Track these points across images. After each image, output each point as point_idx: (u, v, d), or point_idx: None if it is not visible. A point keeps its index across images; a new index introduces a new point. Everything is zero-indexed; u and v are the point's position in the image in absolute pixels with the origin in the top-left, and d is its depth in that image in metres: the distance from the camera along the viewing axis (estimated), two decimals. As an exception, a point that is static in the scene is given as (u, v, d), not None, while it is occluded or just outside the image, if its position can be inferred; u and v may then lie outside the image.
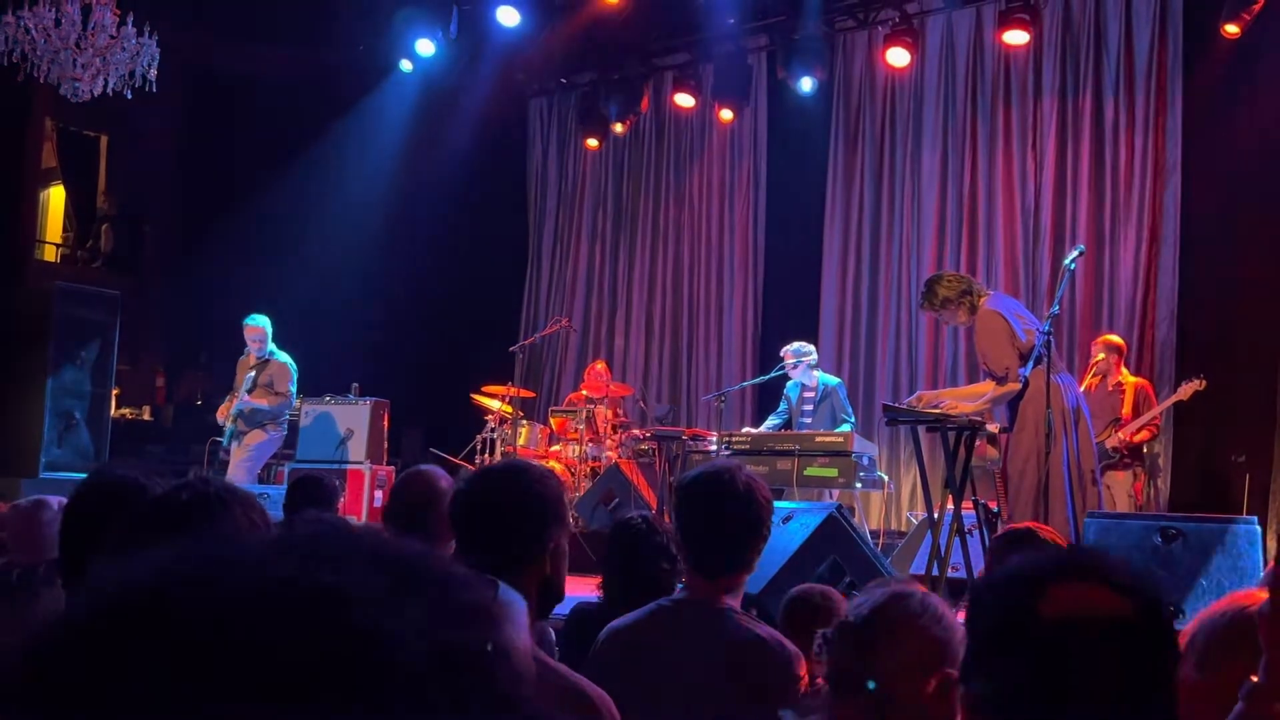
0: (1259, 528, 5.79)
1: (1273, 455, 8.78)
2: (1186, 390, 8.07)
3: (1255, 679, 1.37)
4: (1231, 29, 8.84)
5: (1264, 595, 1.53)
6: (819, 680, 2.36)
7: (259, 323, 9.09)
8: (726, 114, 11.53)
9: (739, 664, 2.47)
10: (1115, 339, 8.48)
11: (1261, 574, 3.36)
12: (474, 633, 0.55)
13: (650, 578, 3.40)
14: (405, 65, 11.96)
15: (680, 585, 3.00)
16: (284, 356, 9.11)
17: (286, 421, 9.33)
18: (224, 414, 9.06)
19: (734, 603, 2.61)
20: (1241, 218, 9.19)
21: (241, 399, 8.91)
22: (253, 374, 9.00)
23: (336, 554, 0.54)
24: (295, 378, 9.16)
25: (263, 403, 8.95)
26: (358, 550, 0.55)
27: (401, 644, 0.51)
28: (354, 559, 0.54)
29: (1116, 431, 8.07)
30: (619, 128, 12.08)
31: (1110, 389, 8.20)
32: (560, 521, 2.31)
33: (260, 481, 9.12)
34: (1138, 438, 8.10)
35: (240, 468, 8.85)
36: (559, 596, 2.37)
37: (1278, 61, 9.03)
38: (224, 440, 9.05)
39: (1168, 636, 1.21)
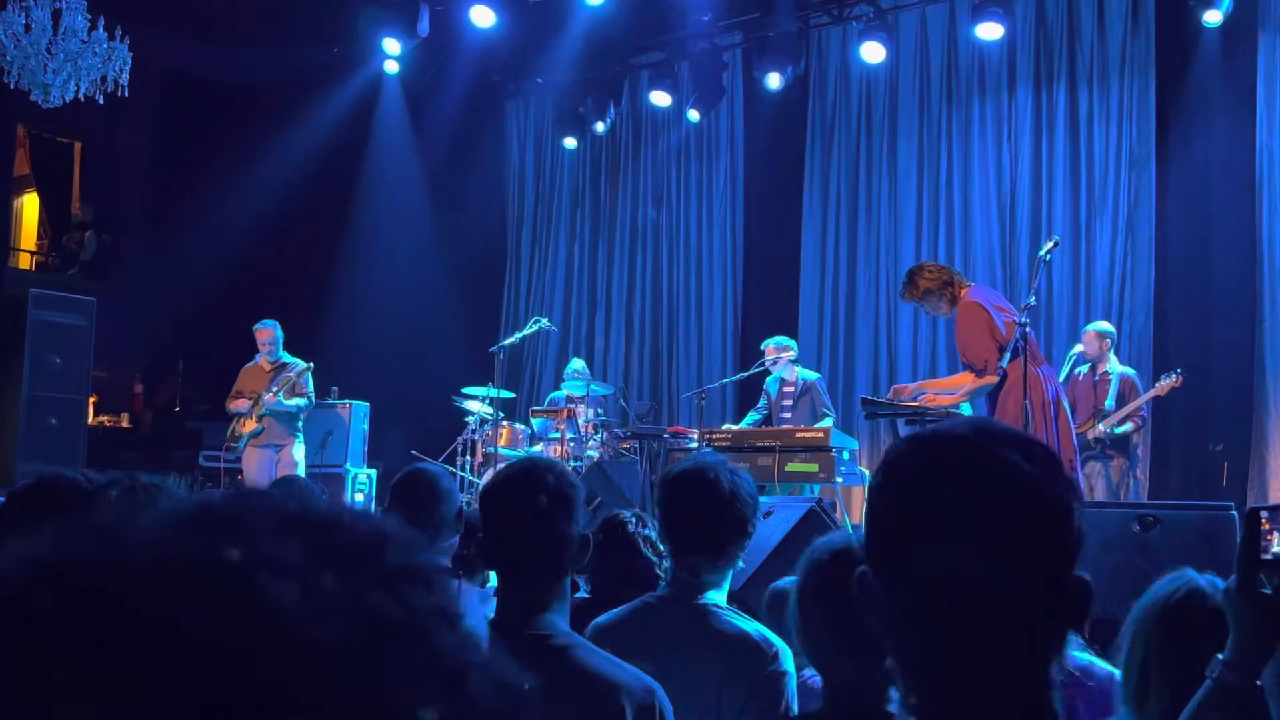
0: (1235, 514, 5.83)
1: (1250, 443, 8.85)
2: (1164, 387, 8.09)
3: (1221, 656, 1.38)
4: (1213, 15, 8.87)
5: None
6: None
7: (271, 326, 8.99)
8: (699, 113, 11.54)
9: (724, 659, 2.46)
10: (1108, 326, 8.51)
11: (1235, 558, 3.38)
12: (407, 597, 0.50)
13: (636, 573, 3.40)
14: (390, 67, 11.98)
15: (664, 581, 3.00)
16: (295, 359, 9.04)
17: None
18: (247, 418, 8.86)
19: (719, 598, 2.59)
20: (1217, 207, 9.25)
21: (278, 400, 8.78)
22: (272, 377, 8.89)
23: (249, 525, 0.50)
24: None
25: (291, 404, 8.86)
26: (275, 520, 0.50)
27: (313, 617, 0.47)
28: (268, 529, 0.50)
29: (1099, 423, 8.09)
30: (600, 127, 12.07)
31: (1098, 378, 8.23)
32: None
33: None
34: (1121, 429, 8.12)
35: (259, 478, 8.70)
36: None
37: (1251, 50, 9.10)
38: (240, 444, 8.90)
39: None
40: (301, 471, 8.66)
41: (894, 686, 1.72)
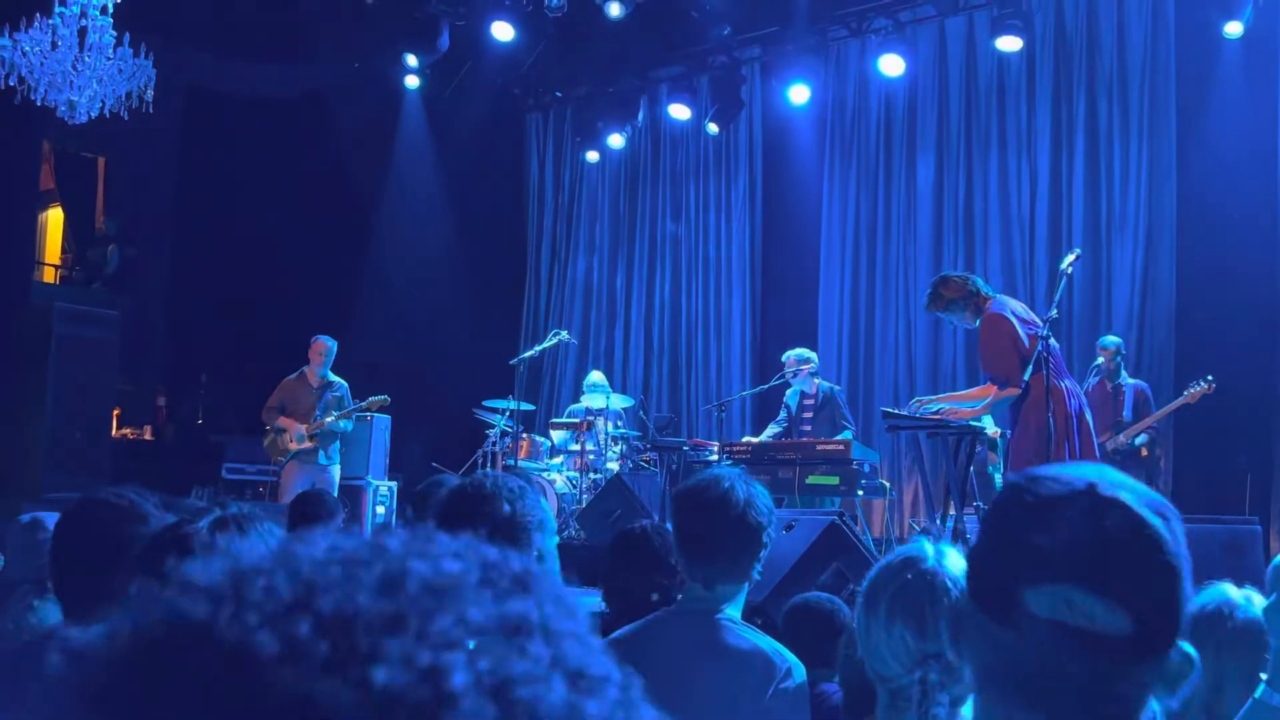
0: (1260, 528, 5.81)
1: (1274, 457, 8.79)
2: (1195, 394, 8.03)
3: (1265, 675, 1.38)
4: (1234, 27, 8.85)
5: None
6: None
7: (332, 343, 8.99)
8: (718, 126, 11.57)
9: (737, 674, 2.45)
10: (1118, 339, 8.52)
11: (1267, 574, 3.37)
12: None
13: (654, 586, 3.40)
14: (410, 81, 12.07)
15: (679, 595, 3.00)
16: (338, 378, 9.08)
17: None
18: (302, 429, 8.82)
19: (734, 612, 2.56)
20: (1238, 219, 9.21)
21: (336, 420, 8.85)
22: (320, 395, 8.93)
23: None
24: None
25: (342, 425, 8.94)
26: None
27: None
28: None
29: (1120, 434, 8.06)
30: (619, 140, 12.12)
31: (1111, 389, 8.21)
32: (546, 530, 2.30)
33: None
34: (1138, 441, 8.10)
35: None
36: None
37: (1271, 62, 9.06)
38: (287, 458, 8.88)
39: None
40: (335, 490, 8.70)
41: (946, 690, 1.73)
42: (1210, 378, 7.97)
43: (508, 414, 9.88)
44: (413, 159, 12.70)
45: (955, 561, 1.89)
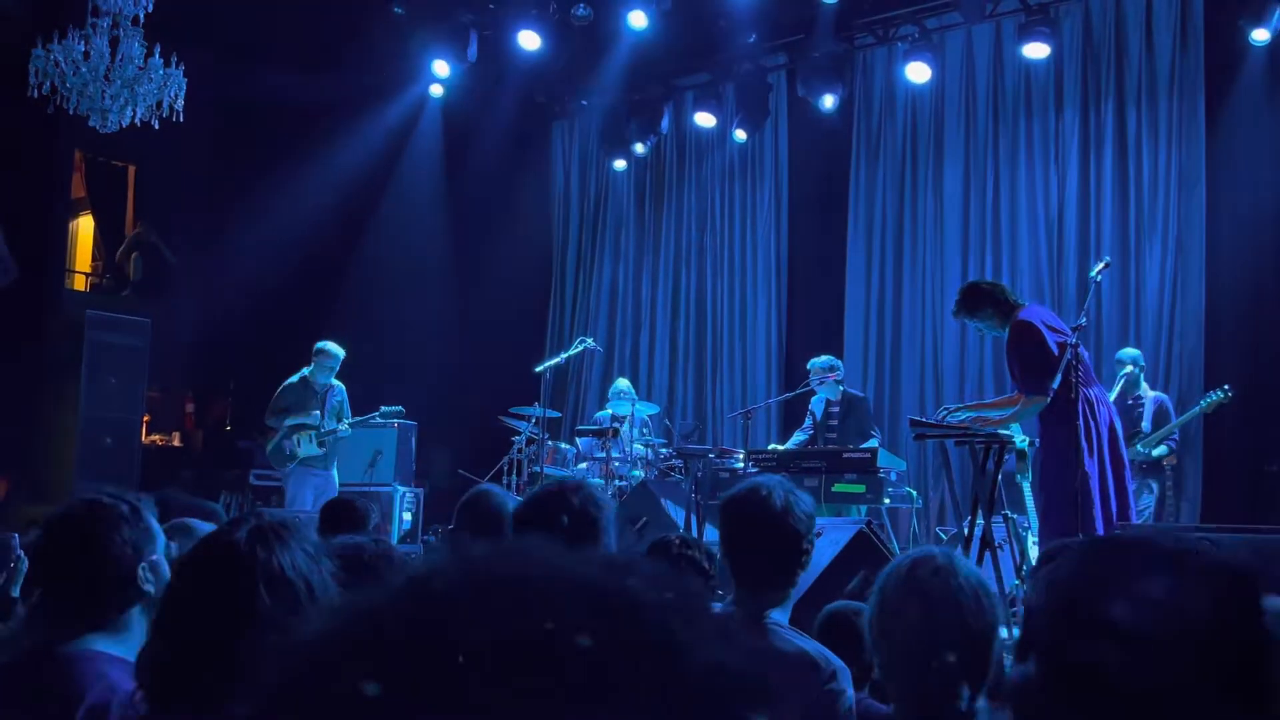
0: (1293, 537, 5.73)
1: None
2: (1210, 405, 7.97)
3: None
4: (1261, 34, 8.81)
5: None
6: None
7: (336, 349, 9.08)
8: (744, 134, 11.58)
9: (785, 677, 2.47)
10: (1136, 351, 8.46)
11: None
12: (750, 661, 0.60)
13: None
14: (435, 90, 12.15)
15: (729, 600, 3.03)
16: (338, 381, 9.16)
17: None
18: (317, 415, 8.93)
19: (781, 617, 2.65)
20: (1268, 225, 9.15)
21: (343, 426, 8.95)
22: (321, 399, 9.00)
23: (629, 566, 0.60)
24: None
25: (347, 431, 9.02)
26: (647, 571, 0.61)
27: (689, 653, 0.57)
28: (644, 576, 0.60)
29: (1138, 443, 8.02)
30: (640, 148, 12.15)
31: (1131, 401, 8.16)
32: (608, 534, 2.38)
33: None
34: (1156, 452, 8.04)
35: (309, 499, 8.81)
36: None
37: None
38: (292, 464, 8.94)
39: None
40: (336, 491, 8.75)
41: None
42: (1227, 388, 7.90)
43: (533, 421, 9.90)
44: (440, 167, 12.77)
45: (964, 560, 1.96)
